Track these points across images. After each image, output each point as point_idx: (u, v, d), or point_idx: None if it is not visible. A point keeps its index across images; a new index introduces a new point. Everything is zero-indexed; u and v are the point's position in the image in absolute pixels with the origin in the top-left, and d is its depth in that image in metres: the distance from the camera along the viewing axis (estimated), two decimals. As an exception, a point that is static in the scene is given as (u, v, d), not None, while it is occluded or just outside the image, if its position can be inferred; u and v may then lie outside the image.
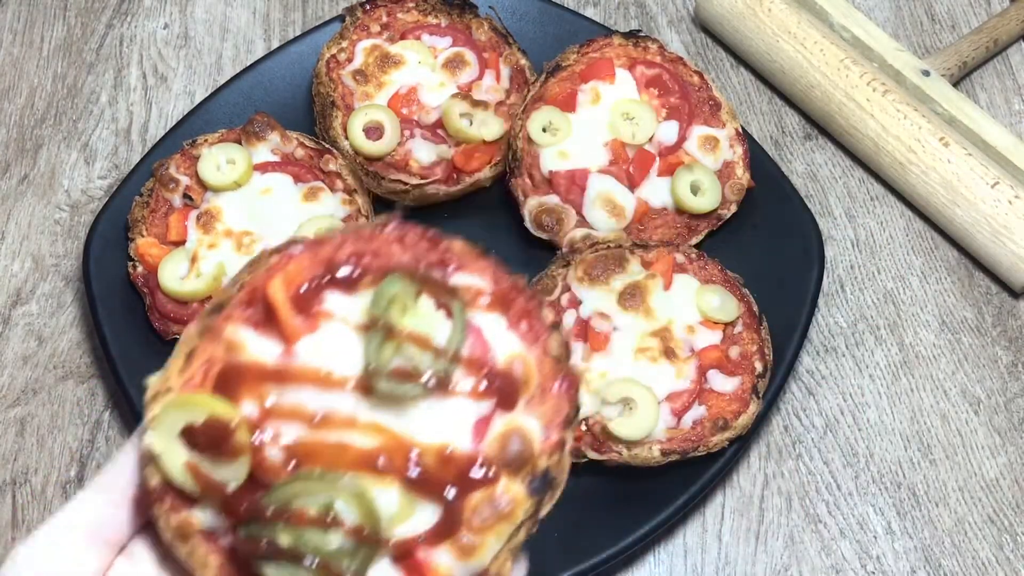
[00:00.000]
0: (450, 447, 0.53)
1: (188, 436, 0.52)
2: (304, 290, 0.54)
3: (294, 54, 1.21)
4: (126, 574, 0.56)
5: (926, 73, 1.23)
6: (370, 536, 0.51)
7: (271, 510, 0.51)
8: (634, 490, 0.99)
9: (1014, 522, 1.04)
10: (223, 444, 0.51)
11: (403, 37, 1.19)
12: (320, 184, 1.09)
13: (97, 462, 1.05)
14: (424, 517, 0.52)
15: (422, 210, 1.15)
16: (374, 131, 1.13)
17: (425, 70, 1.16)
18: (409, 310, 0.54)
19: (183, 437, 0.52)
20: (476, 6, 1.21)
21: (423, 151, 1.13)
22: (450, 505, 0.52)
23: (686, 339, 1.01)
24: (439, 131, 1.14)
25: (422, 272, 0.55)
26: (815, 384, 1.11)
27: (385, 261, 0.55)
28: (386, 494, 0.52)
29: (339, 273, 0.55)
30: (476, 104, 1.14)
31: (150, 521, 0.55)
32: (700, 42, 1.33)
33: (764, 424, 1.07)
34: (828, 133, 1.25)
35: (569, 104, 1.13)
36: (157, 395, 0.53)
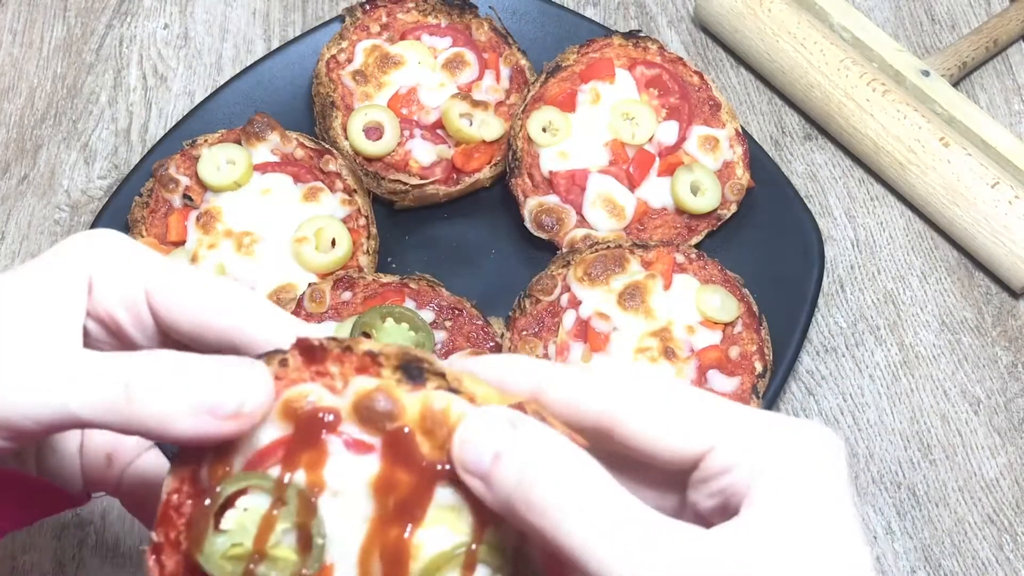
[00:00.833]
0: None
1: None
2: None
3: (294, 54, 1.21)
4: (156, 463, 0.62)
5: (926, 73, 1.23)
6: None
7: None
8: (634, 490, 0.99)
9: (1014, 522, 1.04)
10: None
11: (403, 37, 1.19)
12: (320, 184, 1.09)
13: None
14: None
15: (422, 210, 1.15)
16: (374, 131, 1.13)
17: (425, 70, 1.16)
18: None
19: None
20: (476, 6, 1.21)
21: (423, 151, 1.13)
22: None
23: (686, 339, 1.01)
24: (439, 131, 1.14)
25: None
26: (815, 384, 1.11)
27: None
28: None
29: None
30: (476, 104, 1.14)
31: None
32: (700, 42, 1.33)
33: (764, 424, 1.07)
34: (828, 133, 1.25)
35: (569, 104, 1.13)
36: None
